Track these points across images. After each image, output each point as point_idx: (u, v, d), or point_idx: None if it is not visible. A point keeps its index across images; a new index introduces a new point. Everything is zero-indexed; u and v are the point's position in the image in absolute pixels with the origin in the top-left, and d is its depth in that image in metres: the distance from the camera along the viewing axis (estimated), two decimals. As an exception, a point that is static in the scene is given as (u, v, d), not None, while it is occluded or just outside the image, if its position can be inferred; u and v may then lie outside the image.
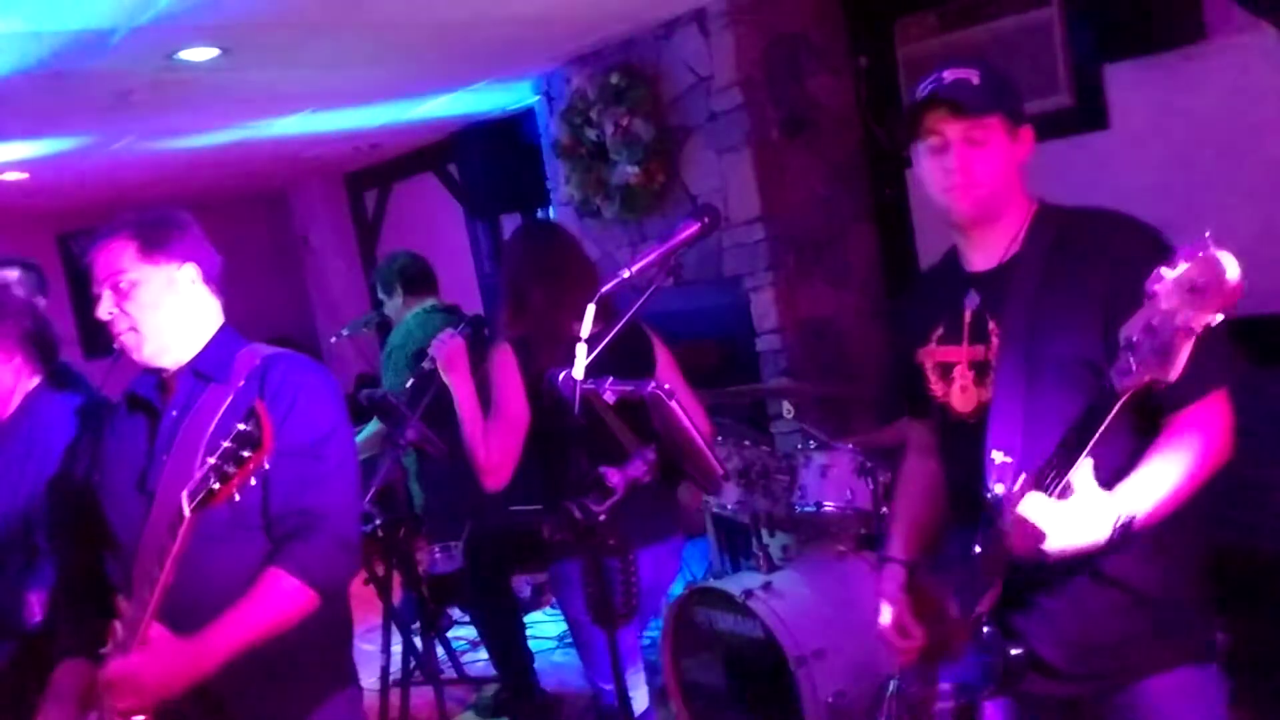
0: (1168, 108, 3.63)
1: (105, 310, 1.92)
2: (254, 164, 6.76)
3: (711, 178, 4.60)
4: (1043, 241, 1.72)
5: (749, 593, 3.17)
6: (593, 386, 1.65)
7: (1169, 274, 1.30)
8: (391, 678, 4.34)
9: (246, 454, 1.64)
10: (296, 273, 8.87)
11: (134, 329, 1.92)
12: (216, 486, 1.65)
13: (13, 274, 3.07)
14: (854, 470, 3.19)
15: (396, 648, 4.33)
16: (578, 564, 1.79)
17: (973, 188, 1.73)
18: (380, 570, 4.36)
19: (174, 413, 1.93)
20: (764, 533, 3.53)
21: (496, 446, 2.62)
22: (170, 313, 1.94)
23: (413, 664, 4.24)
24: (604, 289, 1.82)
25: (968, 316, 1.80)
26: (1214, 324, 1.29)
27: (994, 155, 1.72)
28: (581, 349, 1.73)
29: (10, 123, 4.37)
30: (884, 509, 3.12)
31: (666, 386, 1.61)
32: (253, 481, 1.67)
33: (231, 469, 1.64)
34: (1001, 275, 1.76)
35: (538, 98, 5.51)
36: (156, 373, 2.00)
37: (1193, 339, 1.30)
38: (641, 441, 1.68)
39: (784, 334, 4.46)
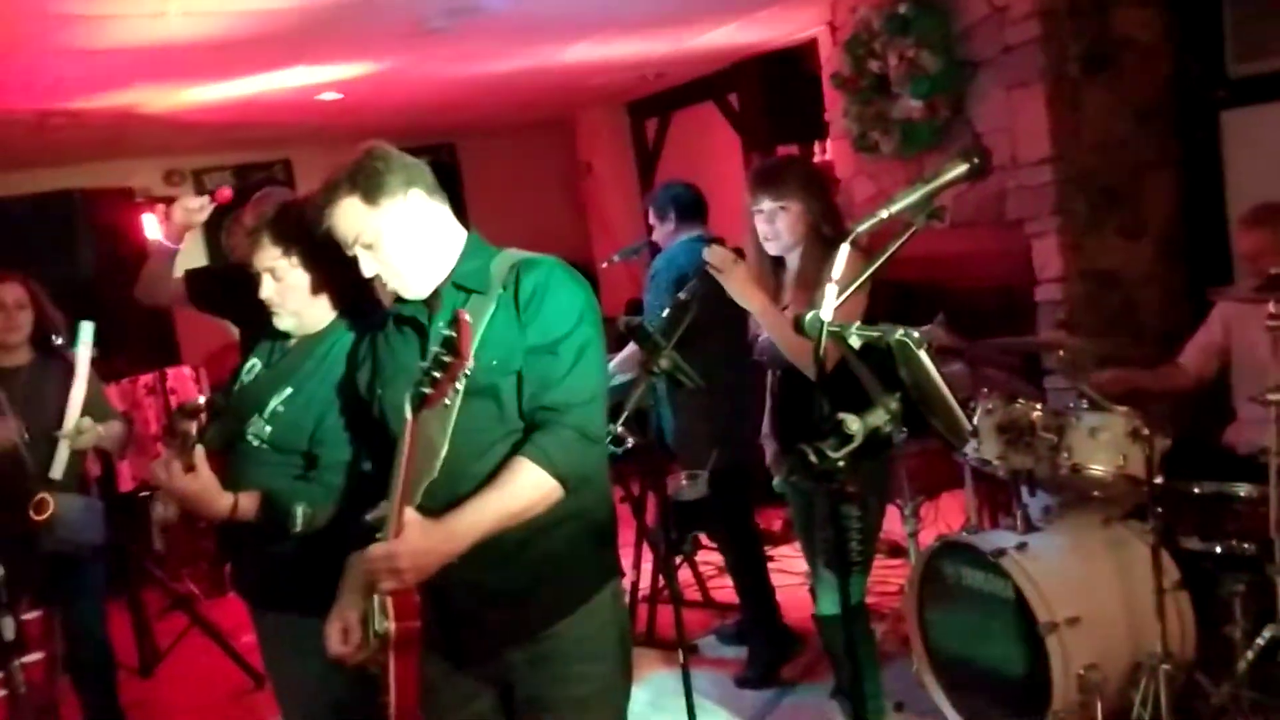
0: None
1: (369, 269, 2.04)
2: (543, 91, 6.98)
3: (999, 115, 4.36)
4: None
5: (1001, 551, 3.05)
6: (838, 329, 1.61)
7: None
8: (641, 594, 4.52)
9: (447, 359, 1.72)
10: (578, 198, 9.15)
11: (395, 272, 2.04)
12: (427, 391, 1.74)
13: None
14: (1128, 435, 2.98)
15: (648, 565, 4.50)
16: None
17: None
18: (636, 490, 4.53)
19: (441, 325, 2.01)
20: (1024, 491, 3.37)
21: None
22: (418, 242, 2.03)
23: (662, 583, 4.38)
24: (859, 228, 1.76)
25: None
26: None
27: None
28: (831, 289, 1.69)
29: (326, 47, 4.71)
30: (1158, 479, 2.92)
31: (916, 335, 1.56)
32: (458, 386, 1.76)
33: (437, 374, 1.73)
34: None
35: (821, 27, 5.38)
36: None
37: None
38: (886, 389, 1.63)
39: (1066, 284, 4.21)
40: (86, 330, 3.53)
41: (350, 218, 2.00)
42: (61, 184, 6.64)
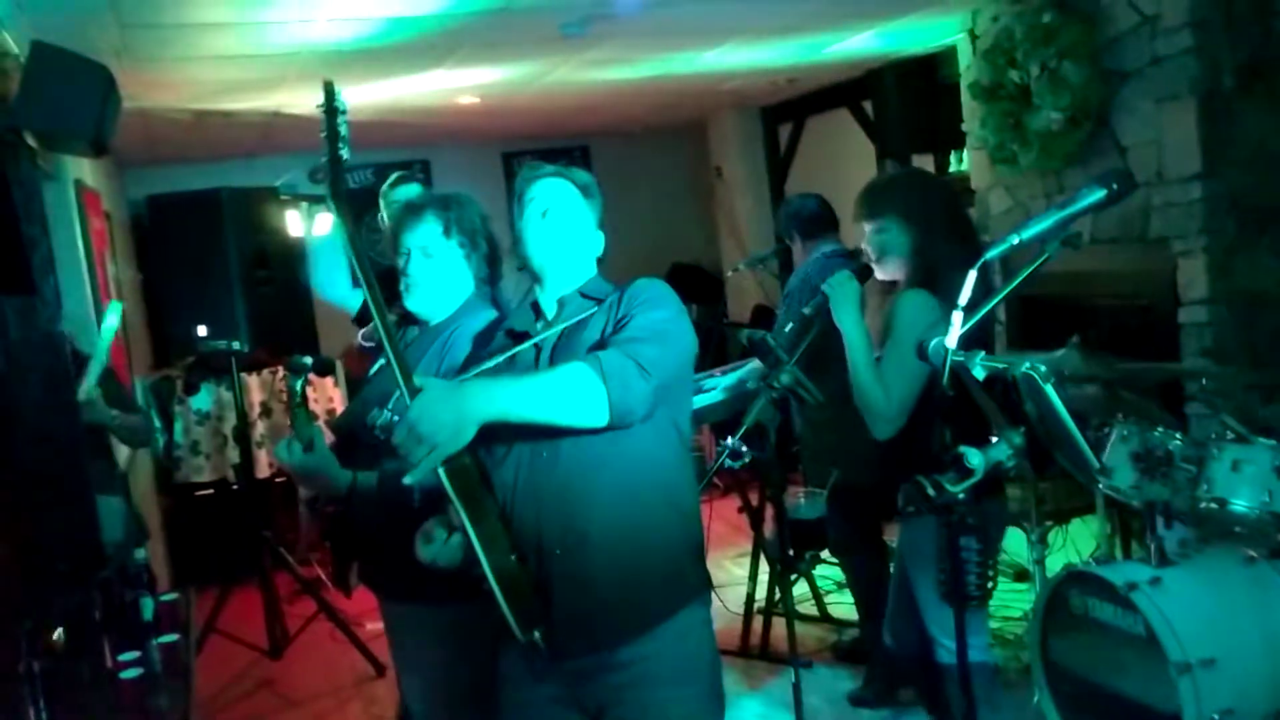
0: None
1: (534, 242, 2.20)
2: (676, 95, 6.98)
3: (1146, 129, 4.19)
4: None
5: (1133, 585, 2.93)
6: (963, 359, 1.57)
7: None
8: (757, 606, 4.49)
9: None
10: (708, 202, 9.14)
11: (554, 257, 2.19)
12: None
13: None
14: (1275, 469, 2.83)
15: (764, 577, 4.46)
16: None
17: None
18: (755, 501, 4.50)
19: (561, 327, 2.13)
20: (1160, 523, 3.23)
21: (897, 394, 2.58)
22: (582, 244, 2.22)
23: (778, 595, 4.34)
24: (989, 255, 1.71)
25: None
26: None
27: None
28: (957, 316, 1.65)
29: (467, 53, 4.81)
30: (1307, 516, 2.76)
31: (1043, 368, 1.51)
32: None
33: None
34: None
35: (961, 36, 5.26)
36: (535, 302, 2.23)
37: None
38: (1010, 423, 1.59)
39: (1213, 307, 4.02)
40: (116, 308, 3.74)
41: (566, 197, 2.20)
42: (212, 181, 6.94)
